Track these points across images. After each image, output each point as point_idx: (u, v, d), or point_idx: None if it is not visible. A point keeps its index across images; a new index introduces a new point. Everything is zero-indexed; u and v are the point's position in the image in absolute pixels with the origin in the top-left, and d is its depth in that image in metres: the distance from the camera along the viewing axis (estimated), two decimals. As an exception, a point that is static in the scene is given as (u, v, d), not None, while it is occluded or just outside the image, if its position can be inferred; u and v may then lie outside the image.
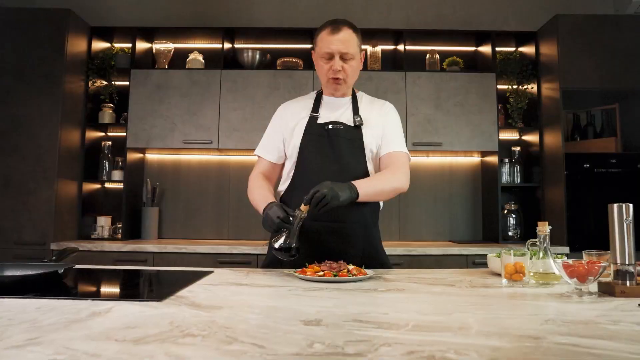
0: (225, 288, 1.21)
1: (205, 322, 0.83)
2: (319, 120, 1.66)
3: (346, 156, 1.62)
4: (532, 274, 1.31)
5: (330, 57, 1.60)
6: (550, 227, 1.35)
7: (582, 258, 1.38)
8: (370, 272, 1.42)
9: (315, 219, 1.57)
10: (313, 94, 1.78)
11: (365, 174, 1.64)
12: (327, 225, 1.59)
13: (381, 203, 1.74)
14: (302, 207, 1.40)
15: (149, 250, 2.82)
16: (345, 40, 1.58)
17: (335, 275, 1.34)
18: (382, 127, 1.69)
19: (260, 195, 1.60)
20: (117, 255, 2.81)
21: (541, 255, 1.34)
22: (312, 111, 1.69)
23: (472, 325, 0.82)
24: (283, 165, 1.76)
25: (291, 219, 1.42)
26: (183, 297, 1.06)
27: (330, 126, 1.64)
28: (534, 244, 1.38)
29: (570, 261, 1.21)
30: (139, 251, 2.82)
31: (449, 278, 1.42)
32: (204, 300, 1.03)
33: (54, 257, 1.38)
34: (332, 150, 1.62)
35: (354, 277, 1.34)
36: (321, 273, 1.35)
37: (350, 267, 1.41)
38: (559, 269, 1.24)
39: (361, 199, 1.49)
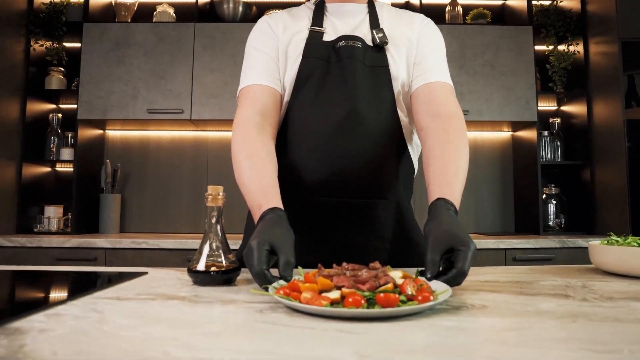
0: (130, 310, 0.60)
1: None
2: (325, 38, 1.06)
3: (364, 92, 1.00)
4: None
5: None
6: None
7: None
8: (440, 287, 0.64)
9: (321, 194, 0.97)
10: (310, 4, 1.15)
11: (392, 125, 1.02)
12: (339, 202, 0.99)
13: (416, 167, 1.13)
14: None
15: (99, 245, 2.20)
16: None
17: (371, 302, 0.55)
18: (416, 48, 1.08)
19: (259, 183, 0.88)
20: (58, 252, 2.19)
21: None
22: (313, 24, 1.07)
23: None
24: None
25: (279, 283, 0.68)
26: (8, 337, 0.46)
27: (342, 43, 1.03)
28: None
29: None
30: (87, 247, 2.21)
31: (541, 281, 0.82)
32: (44, 354, 0.43)
33: None
34: (344, 83, 1.00)
35: (415, 305, 0.54)
36: (336, 295, 0.56)
37: (397, 274, 0.63)
38: None
39: None
